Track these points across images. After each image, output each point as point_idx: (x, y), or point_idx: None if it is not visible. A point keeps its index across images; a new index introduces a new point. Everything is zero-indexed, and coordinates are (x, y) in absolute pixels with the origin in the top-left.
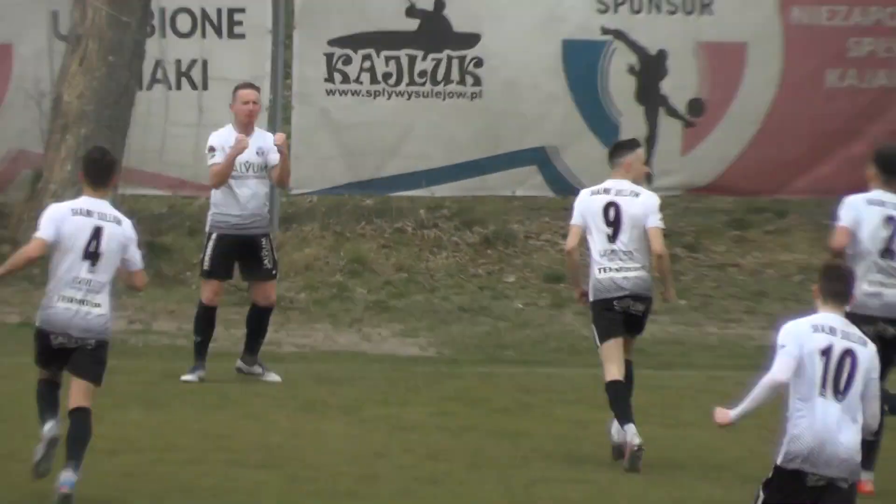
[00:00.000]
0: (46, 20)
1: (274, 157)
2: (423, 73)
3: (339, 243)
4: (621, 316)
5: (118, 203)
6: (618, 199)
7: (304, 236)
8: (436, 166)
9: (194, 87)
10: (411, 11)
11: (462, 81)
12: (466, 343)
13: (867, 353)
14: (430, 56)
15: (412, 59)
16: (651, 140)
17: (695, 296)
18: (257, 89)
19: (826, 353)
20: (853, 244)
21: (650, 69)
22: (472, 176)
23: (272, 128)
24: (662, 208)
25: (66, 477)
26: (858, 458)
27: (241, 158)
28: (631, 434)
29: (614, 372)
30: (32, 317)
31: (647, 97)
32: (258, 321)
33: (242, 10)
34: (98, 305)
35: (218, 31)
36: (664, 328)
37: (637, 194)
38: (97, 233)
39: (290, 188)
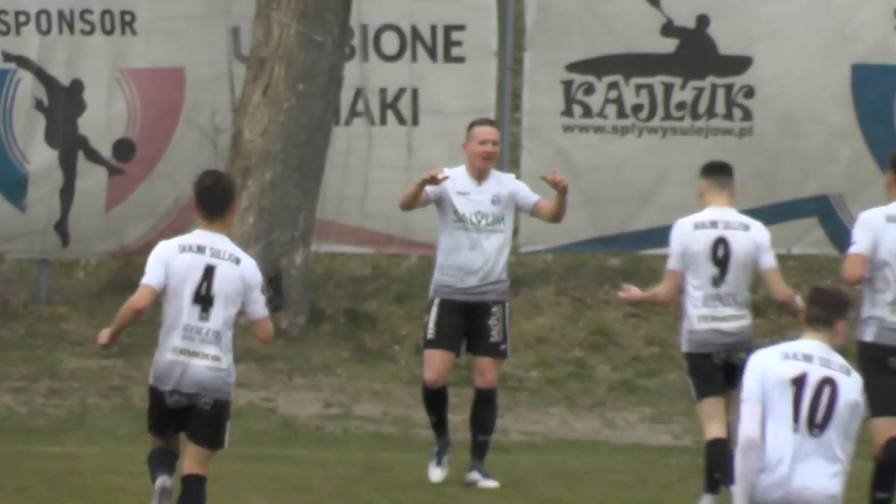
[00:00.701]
0: (225, 38)
1: (525, 197)
2: (681, 105)
3: (579, 311)
4: (721, 368)
5: (311, 262)
6: (727, 234)
7: (535, 303)
8: None
9: (402, 121)
10: (668, 29)
11: (729, 115)
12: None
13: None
14: (691, 84)
15: (668, 88)
16: None
17: None
18: (496, 126)
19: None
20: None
21: None
22: None
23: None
24: None
25: None
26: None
27: (472, 208)
28: None
29: (715, 430)
30: None
31: None
32: (474, 410)
33: (462, 28)
34: (213, 358)
35: (432, 54)
36: None
37: (747, 227)
38: (209, 273)
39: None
